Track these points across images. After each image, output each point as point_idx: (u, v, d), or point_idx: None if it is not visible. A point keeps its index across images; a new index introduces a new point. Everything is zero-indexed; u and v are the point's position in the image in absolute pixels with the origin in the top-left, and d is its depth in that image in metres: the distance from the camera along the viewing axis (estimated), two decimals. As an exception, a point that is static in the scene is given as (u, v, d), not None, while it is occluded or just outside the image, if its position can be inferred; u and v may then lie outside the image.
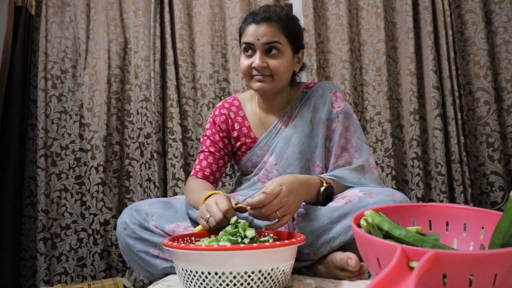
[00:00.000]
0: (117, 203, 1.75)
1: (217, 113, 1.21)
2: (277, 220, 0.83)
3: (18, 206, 1.69)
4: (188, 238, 0.87)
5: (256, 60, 1.03)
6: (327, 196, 0.94)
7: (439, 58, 1.69)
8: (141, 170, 1.79)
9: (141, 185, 1.77)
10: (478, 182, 1.66)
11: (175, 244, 0.71)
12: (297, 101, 1.16)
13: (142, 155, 1.80)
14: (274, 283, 0.71)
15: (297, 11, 1.87)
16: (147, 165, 1.77)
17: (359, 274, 0.84)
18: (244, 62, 1.07)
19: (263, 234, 0.89)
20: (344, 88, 1.73)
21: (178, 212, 0.99)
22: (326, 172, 1.08)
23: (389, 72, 1.75)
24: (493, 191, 1.61)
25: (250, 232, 0.80)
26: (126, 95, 1.85)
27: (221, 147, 1.19)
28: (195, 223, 0.98)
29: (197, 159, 1.20)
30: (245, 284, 0.67)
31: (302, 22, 1.81)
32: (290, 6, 1.90)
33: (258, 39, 1.03)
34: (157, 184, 1.70)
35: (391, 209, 0.73)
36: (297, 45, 1.11)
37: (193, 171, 1.18)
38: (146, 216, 0.96)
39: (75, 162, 1.77)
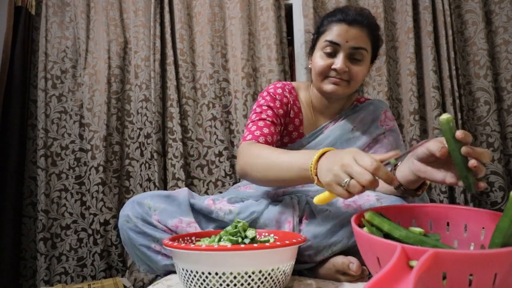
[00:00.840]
0: (117, 203, 1.75)
1: (279, 92, 1.09)
2: None
3: (18, 206, 1.69)
4: (188, 238, 0.87)
5: (339, 62, 0.98)
6: None
7: (439, 58, 1.69)
8: (141, 170, 1.79)
9: (141, 185, 1.77)
10: (478, 182, 1.65)
11: (175, 244, 0.71)
12: (347, 111, 1.14)
13: (142, 155, 1.80)
14: (274, 284, 0.71)
15: (297, 11, 1.88)
16: (147, 165, 1.77)
17: (360, 278, 0.84)
18: (322, 61, 1.01)
19: (263, 234, 0.89)
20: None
21: (181, 206, 0.96)
22: None
23: (389, 72, 1.75)
24: (493, 191, 1.61)
25: (251, 232, 0.81)
26: (126, 95, 1.85)
27: (282, 123, 1.08)
28: (198, 214, 0.96)
29: (252, 126, 1.02)
30: (245, 284, 0.67)
31: (302, 22, 1.82)
32: (290, 6, 1.90)
33: (346, 41, 0.98)
34: (157, 184, 1.70)
35: (392, 209, 0.73)
36: (375, 55, 1.08)
37: (249, 135, 0.99)
38: (149, 210, 0.94)
39: (75, 162, 1.77)
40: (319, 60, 1.02)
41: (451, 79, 1.65)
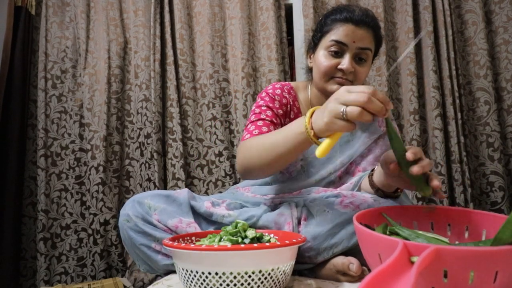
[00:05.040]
0: (117, 203, 1.75)
1: (278, 92, 1.09)
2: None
3: (18, 206, 1.69)
4: (188, 238, 0.86)
5: (346, 63, 0.98)
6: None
7: (439, 58, 1.69)
8: (141, 170, 1.79)
9: (141, 185, 1.77)
10: (478, 182, 1.66)
11: (175, 244, 0.71)
12: None
13: (142, 155, 1.80)
14: (274, 284, 0.71)
15: (297, 11, 1.88)
16: (147, 165, 1.77)
17: (360, 279, 0.84)
18: (328, 61, 1.00)
19: (264, 234, 0.89)
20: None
21: (182, 206, 0.96)
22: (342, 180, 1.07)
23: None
24: (493, 191, 1.61)
25: (251, 233, 0.81)
26: (126, 95, 1.85)
27: (282, 123, 1.07)
28: (198, 216, 0.97)
29: (251, 126, 1.02)
30: (245, 284, 0.67)
31: (302, 22, 1.82)
32: (290, 6, 1.90)
33: (354, 42, 0.98)
34: (157, 184, 1.70)
35: (393, 210, 0.72)
36: (376, 54, 1.09)
37: (247, 135, 0.99)
38: (149, 210, 0.94)
39: (75, 162, 1.77)
40: (324, 60, 1.01)
41: (451, 79, 1.65)
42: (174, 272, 0.94)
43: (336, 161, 1.06)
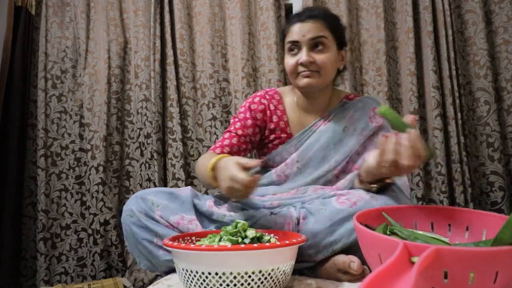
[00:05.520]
0: (117, 203, 1.75)
1: (256, 100, 1.19)
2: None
3: (18, 206, 1.69)
4: (188, 237, 0.87)
5: (303, 56, 1.04)
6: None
7: (439, 58, 1.69)
8: (141, 170, 1.79)
9: (141, 185, 1.77)
10: (478, 182, 1.65)
11: (175, 244, 0.71)
12: (336, 108, 1.16)
13: (142, 155, 1.80)
14: (274, 284, 0.71)
15: (297, 11, 1.87)
16: (147, 165, 1.77)
17: (361, 277, 0.84)
18: (290, 61, 1.08)
19: (264, 234, 0.89)
20: (344, 88, 1.73)
21: (184, 204, 0.98)
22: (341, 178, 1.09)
23: (389, 72, 1.75)
24: (493, 191, 1.61)
25: (251, 232, 0.81)
26: (126, 95, 1.85)
27: (250, 133, 1.16)
28: (200, 214, 0.98)
29: (221, 137, 1.17)
30: (245, 284, 0.67)
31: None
32: (290, 6, 1.90)
33: (303, 36, 1.05)
34: (157, 184, 1.70)
35: (393, 210, 0.72)
36: (341, 41, 1.12)
37: (212, 146, 1.15)
38: (152, 206, 0.96)
39: (75, 162, 1.77)
40: (288, 60, 1.09)
41: (451, 79, 1.65)
42: (174, 270, 0.94)
43: (330, 161, 1.09)
